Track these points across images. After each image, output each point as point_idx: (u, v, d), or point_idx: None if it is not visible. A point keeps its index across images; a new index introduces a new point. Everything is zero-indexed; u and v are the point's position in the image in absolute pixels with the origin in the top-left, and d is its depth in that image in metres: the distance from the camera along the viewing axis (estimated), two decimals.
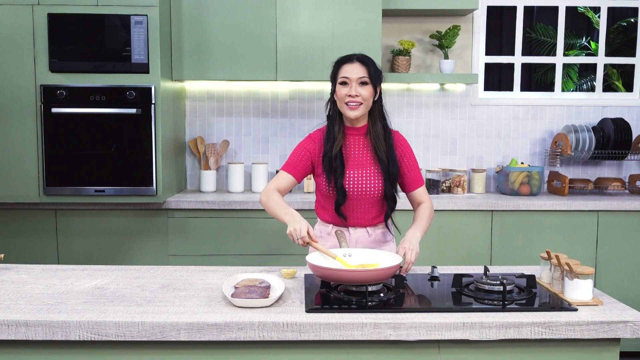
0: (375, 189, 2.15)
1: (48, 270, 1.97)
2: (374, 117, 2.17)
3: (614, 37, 6.23)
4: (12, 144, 3.12)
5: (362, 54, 2.16)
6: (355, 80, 2.08)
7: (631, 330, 1.51)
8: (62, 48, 3.06)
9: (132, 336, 1.46)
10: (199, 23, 3.33)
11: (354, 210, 2.18)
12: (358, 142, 2.18)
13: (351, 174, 2.14)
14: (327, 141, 2.16)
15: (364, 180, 2.14)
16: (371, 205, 2.18)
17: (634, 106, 3.87)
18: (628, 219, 3.31)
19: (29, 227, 3.22)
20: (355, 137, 2.18)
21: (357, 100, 2.08)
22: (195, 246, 3.24)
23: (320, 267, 1.67)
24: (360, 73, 2.09)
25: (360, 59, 2.13)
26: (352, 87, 2.08)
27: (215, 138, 3.77)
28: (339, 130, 2.16)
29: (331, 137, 2.15)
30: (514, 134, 3.86)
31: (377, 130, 2.16)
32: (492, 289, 1.69)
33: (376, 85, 2.13)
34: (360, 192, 2.14)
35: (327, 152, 2.14)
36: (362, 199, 2.15)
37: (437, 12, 3.61)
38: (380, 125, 2.17)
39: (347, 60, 2.13)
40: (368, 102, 2.11)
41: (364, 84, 2.09)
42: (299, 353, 1.51)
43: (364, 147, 2.18)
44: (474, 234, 3.29)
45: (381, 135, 2.16)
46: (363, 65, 2.11)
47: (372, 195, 2.15)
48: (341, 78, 2.10)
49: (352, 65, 2.11)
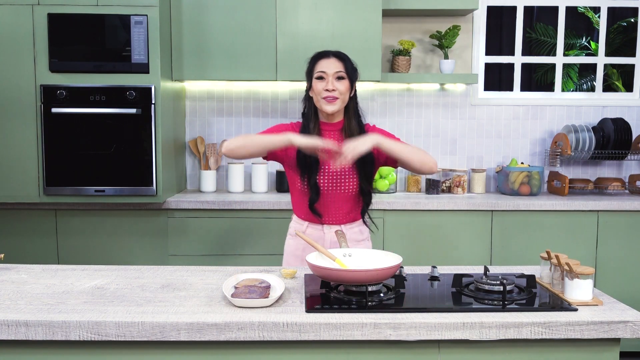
0: (350, 185, 2.15)
1: (48, 270, 1.97)
2: (350, 114, 2.17)
3: (614, 37, 6.23)
4: (12, 144, 3.12)
5: (338, 50, 2.17)
6: (332, 74, 2.08)
7: (631, 330, 1.51)
8: (62, 48, 3.06)
9: (132, 336, 1.46)
10: (199, 23, 3.33)
11: (328, 207, 2.17)
12: (333, 137, 2.17)
13: (326, 170, 2.14)
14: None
15: (339, 176, 2.14)
16: (345, 202, 2.17)
17: (634, 106, 3.87)
18: (628, 219, 3.31)
19: (29, 227, 3.22)
20: (331, 133, 2.18)
21: (334, 95, 2.08)
22: (195, 246, 3.24)
23: (320, 267, 1.67)
24: (337, 67, 2.10)
25: (337, 54, 2.14)
26: (328, 81, 2.08)
27: (215, 138, 3.77)
28: (314, 127, 2.16)
29: (306, 134, 2.13)
30: (514, 134, 3.86)
31: (353, 127, 2.16)
32: (492, 289, 1.69)
33: (352, 81, 2.13)
34: (335, 188, 2.14)
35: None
36: (337, 195, 2.15)
37: (437, 12, 3.61)
38: (355, 122, 2.17)
39: (324, 55, 2.14)
40: (345, 97, 2.12)
41: (341, 79, 2.10)
42: (299, 353, 1.51)
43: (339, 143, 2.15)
44: (474, 234, 3.29)
45: (356, 132, 2.15)
46: (340, 60, 2.12)
47: (347, 191, 2.15)
48: (318, 73, 2.11)
49: (329, 60, 2.12)
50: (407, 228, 3.27)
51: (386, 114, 3.80)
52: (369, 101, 3.78)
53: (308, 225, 2.22)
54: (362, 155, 2.01)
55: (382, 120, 3.79)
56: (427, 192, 3.66)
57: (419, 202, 3.28)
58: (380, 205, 3.24)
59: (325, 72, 2.09)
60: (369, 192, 2.19)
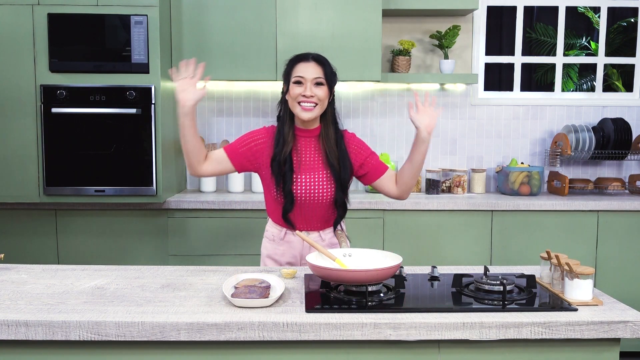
0: (327, 193, 2.08)
1: (48, 270, 1.97)
2: (327, 120, 2.09)
3: (614, 37, 6.23)
4: (12, 144, 3.12)
5: (317, 54, 2.09)
6: (310, 80, 2.01)
7: (631, 330, 1.51)
8: (62, 48, 3.06)
9: (132, 336, 1.46)
10: (199, 23, 3.33)
11: (303, 215, 2.12)
12: (309, 144, 2.10)
13: (301, 179, 2.07)
14: (276, 144, 2.07)
15: (315, 184, 2.07)
16: (322, 210, 2.12)
17: (634, 106, 3.87)
18: (628, 219, 3.31)
19: (29, 227, 3.22)
20: (307, 140, 2.10)
21: (312, 101, 2.01)
22: (195, 246, 3.24)
23: (320, 267, 1.67)
24: (316, 73, 2.02)
25: (316, 58, 2.06)
26: (307, 87, 2.00)
27: (215, 138, 3.77)
28: (289, 133, 2.07)
29: (281, 140, 2.06)
30: (514, 134, 3.86)
31: (330, 134, 2.09)
32: (492, 289, 1.69)
33: (331, 87, 2.06)
34: (311, 197, 2.08)
35: (277, 155, 2.05)
36: (312, 204, 2.09)
37: (437, 12, 3.61)
38: (332, 129, 2.09)
39: (303, 58, 2.06)
40: (323, 104, 2.04)
41: (320, 85, 2.02)
42: (299, 353, 1.51)
43: (316, 151, 2.10)
44: (474, 234, 3.29)
45: (333, 139, 2.08)
46: (319, 65, 2.04)
47: (323, 200, 2.09)
48: (296, 77, 2.03)
49: (308, 64, 2.04)
50: (407, 228, 3.27)
51: (386, 114, 3.80)
52: (369, 101, 3.78)
53: (286, 231, 2.17)
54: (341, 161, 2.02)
55: (382, 120, 3.79)
56: (427, 192, 3.66)
57: (419, 202, 3.28)
58: (380, 205, 3.24)
59: (304, 77, 2.01)
60: (343, 203, 2.12)
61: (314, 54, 2.08)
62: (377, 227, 3.25)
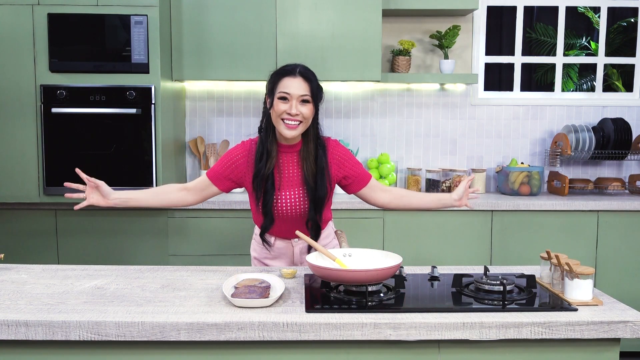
0: (304, 210, 2.06)
1: (48, 270, 1.97)
2: (309, 137, 2.03)
3: (614, 37, 6.23)
4: (12, 144, 3.12)
5: (305, 67, 2.00)
6: (296, 97, 1.93)
7: (631, 330, 1.51)
8: (62, 48, 3.06)
9: (132, 336, 1.46)
10: (199, 23, 3.33)
11: (284, 228, 2.10)
12: (291, 160, 2.05)
13: (281, 196, 2.03)
14: (259, 158, 2.01)
15: (293, 201, 2.04)
16: (298, 226, 2.08)
17: (634, 106, 3.87)
18: (628, 219, 3.31)
19: (29, 227, 3.22)
20: (288, 155, 2.05)
21: (297, 119, 1.94)
22: (195, 246, 3.24)
23: (320, 267, 1.67)
24: (303, 90, 1.94)
25: (303, 73, 1.97)
26: (292, 105, 1.93)
27: (215, 138, 3.77)
28: (272, 148, 2.01)
29: (265, 155, 2.00)
30: (514, 134, 3.86)
31: (309, 150, 2.02)
32: (492, 289, 1.69)
33: (317, 103, 1.99)
34: (289, 213, 2.05)
35: (260, 170, 2.00)
36: (290, 219, 2.07)
37: (437, 12, 3.61)
38: (312, 145, 2.03)
39: (289, 73, 1.96)
40: (308, 122, 1.98)
41: (306, 102, 1.95)
42: (299, 353, 1.51)
43: (297, 166, 2.05)
44: (474, 234, 3.29)
45: (312, 156, 2.02)
46: (306, 81, 1.95)
47: (300, 216, 2.07)
48: (281, 93, 1.94)
49: (294, 79, 1.95)
50: (407, 228, 3.27)
51: (386, 114, 3.80)
52: (369, 101, 3.78)
53: (275, 239, 2.16)
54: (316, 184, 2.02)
55: (382, 120, 3.79)
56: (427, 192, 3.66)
57: None
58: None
59: (290, 93, 1.93)
60: (315, 223, 2.06)
61: (301, 67, 1.99)
62: (377, 227, 3.25)
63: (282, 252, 2.19)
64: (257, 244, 2.24)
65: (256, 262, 2.25)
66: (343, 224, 3.12)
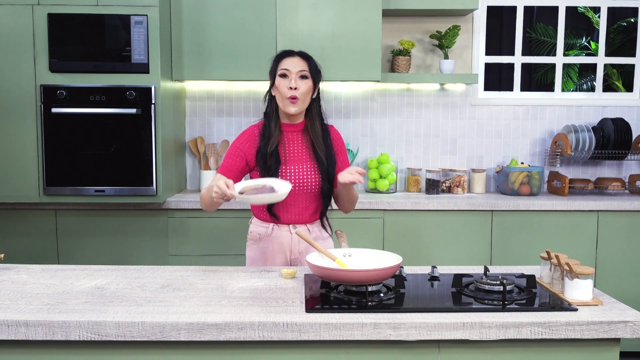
0: (313, 184, 2.14)
1: (48, 270, 1.97)
2: (312, 116, 2.17)
3: (614, 37, 6.23)
4: (12, 144, 3.12)
5: (302, 50, 2.18)
6: (295, 72, 2.09)
7: (631, 330, 1.51)
8: (62, 48, 3.06)
9: (132, 336, 1.46)
10: (199, 23, 3.33)
11: (291, 206, 2.14)
12: (295, 138, 2.17)
13: (288, 170, 2.12)
14: (262, 138, 2.14)
15: (302, 175, 2.13)
16: (309, 202, 2.16)
17: (634, 106, 3.87)
18: (628, 219, 3.31)
19: (29, 227, 3.22)
20: (293, 134, 2.17)
21: (295, 94, 2.07)
22: (195, 246, 3.24)
23: (320, 267, 1.67)
24: (301, 66, 2.11)
25: (301, 53, 2.16)
26: (292, 79, 2.08)
27: (215, 138, 3.77)
28: (275, 127, 2.14)
29: (267, 134, 2.13)
30: (514, 134, 3.86)
31: (316, 129, 2.16)
32: (492, 289, 1.69)
33: (316, 82, 2.14)
34: (298, 187, 2.12)
35: (262, 148, 2.11)
36: (300, 194, 2.14)
37: (437, 12, 3.61)
38: (318, 124, 2.17)
39: (288, 54, 2.15)
40: (306, 98, 2.11)
41: (304, 78, 2.10)
42: (299, 353, 1.51)
43: (301, 144, 2.17)
44: (474, 234, 3.29)
45: (320, 135, 2.16)
46: (304, 60, 2.13)
47: (310, 190, 2.14)
48: (281, 70, 2.11)
49: (293, 58, 2.13)
50: (407, 228, 3.27)
51: (386, 114, 3.80)
52: (369, 101, 3.78)
53: (273, 227, 2.18)
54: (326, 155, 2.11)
55: (382, 120, 3.79)
56: (427, 192, 3.66)
57: (419, 202, 3.28)
58: (380, 205, 3.24)
59: (289, 69, 2.10)
60: (328, 193, 2.17)
61: (299, 50, 2.18)
62: (377, 227, 3.25)
63: (281, 240, 2.18)
64: (253, 242, 2.22)
65: (251, 264, 2.23)
66: (343, 224, 3.12)
